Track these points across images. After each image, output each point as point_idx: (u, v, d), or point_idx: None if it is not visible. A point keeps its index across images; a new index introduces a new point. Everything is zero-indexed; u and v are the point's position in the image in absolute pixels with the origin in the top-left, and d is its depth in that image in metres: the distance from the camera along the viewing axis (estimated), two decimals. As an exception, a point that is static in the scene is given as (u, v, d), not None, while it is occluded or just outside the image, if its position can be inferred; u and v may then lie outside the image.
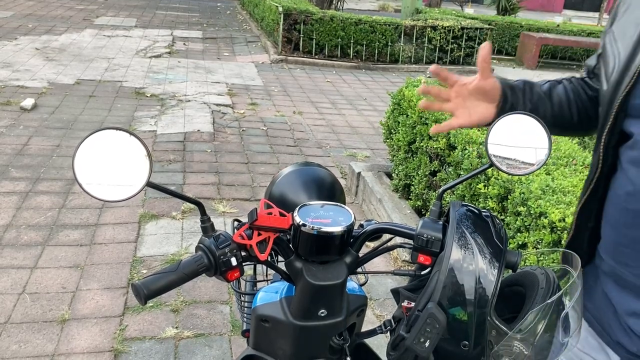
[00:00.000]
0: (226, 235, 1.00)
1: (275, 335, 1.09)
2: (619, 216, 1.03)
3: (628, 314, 1.05)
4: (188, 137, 5.25)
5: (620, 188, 1.03)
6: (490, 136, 1.05)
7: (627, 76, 1.00)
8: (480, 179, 2.70)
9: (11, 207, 3.67)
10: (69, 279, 2.97)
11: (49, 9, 11.65)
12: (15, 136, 4.89)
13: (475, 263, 0.91)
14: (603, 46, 1.12)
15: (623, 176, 1.02)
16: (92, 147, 0.88)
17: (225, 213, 3.83)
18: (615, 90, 1.02)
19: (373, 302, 2.99)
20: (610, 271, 1.08)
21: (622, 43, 1.05)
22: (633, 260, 1.02)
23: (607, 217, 1.08)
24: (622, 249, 1.03)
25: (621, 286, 1.06)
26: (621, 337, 1.06)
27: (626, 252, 1.03)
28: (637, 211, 0.95)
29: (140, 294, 0.92)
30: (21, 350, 2.45)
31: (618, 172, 1.06)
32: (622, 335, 1.06)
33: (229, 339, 2.62)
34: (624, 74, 1.01)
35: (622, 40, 1.06)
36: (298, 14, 8.94)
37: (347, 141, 5.60)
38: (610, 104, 1.03)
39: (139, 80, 7.03)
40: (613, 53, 1.06)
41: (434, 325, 0.90)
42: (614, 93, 1.02)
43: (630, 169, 0.99)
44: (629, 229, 1.01)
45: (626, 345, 1.06)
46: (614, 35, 1.09)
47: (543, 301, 0.90)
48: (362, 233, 1.09)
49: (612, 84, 1.03)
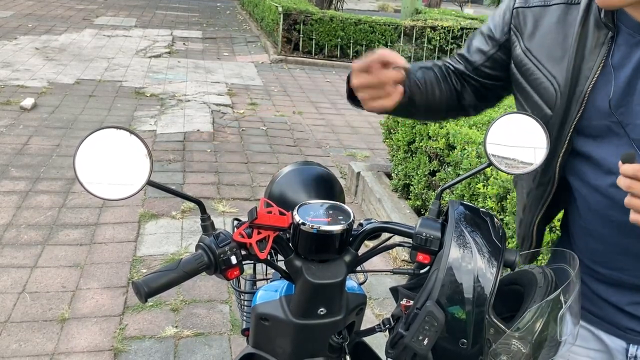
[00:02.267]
0: (226, 233, 1.01)
1: (275, 333, 1.09)
2: (600, 228, 1.07)
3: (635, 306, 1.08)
4: (188, 136, 5.25)
5: (595, 203, 1.06)
6: (489, 136, 1.06)
7: (576, 102, 1.03)
8: (480, 179, 2.71)
9: (11, 206, 3.67)
10: (68, 278, 2.98)
11: (48, 9, 11.65)
12: (15, 136, 4.89)
13: (474, 262, 0.91)
14: (523, 66, 1.10)
15: (595, 193, 1.05)
16: (93, 146, 0.88)
17: (225, 213, 3.83)
18: (565, 115, 1.05)
19: (372, 301, 2.99)
20: (603, 277, 1.11)
21: (553, 68, 1.06)
22: (627, 265, 1.06)
23: (586, 230, 1.12)
24: (616, 257, 1.07)
25: (619, 288, 1.09)
26: (629, 322, 1.09)
27: (619, 259, 1.06)
28: (622, 222, 0.97)
29: (141, 292, 0.92)
30: (21, 349, 2.46)
31: (582, 187, 1.09)
32: (629, 321, 1.09)
33: (229, 338, 2.63)
34: (570, 100, 1.03)
35: (551, 63, 1.06)
36: (298, 14, 8.95)
37: (347, 141, 5.61)
38: (561, 128, 1.06)
39: (138, 80, 7.04)
40: (547, 78, 1.06)
41: (432, 324, 0.90)
42: (564, 118, 1.05)
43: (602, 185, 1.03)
44: (617, 237, 1.05)
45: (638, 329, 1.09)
46: (535, 55, 1.08)
47: (541, 300, 0.90)
48: (362, 232, 1.10)
49: (560, 110, 1.05)
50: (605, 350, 1.16)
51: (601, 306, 1.13)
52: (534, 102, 1.11)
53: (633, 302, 1.08)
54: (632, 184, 0.86)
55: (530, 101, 1.12)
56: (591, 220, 1.09)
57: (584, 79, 1.02)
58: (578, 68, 1.03)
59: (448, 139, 3.16)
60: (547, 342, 0.91)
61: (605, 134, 1.02)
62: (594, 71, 1.01)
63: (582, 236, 1.14)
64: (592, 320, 1.15)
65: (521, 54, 1.11)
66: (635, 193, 0.86)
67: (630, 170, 0.86)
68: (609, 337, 1.13)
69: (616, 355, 1.14)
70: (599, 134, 1.03)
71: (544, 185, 1.14)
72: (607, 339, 1.14)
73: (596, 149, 1.04)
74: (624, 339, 1.11)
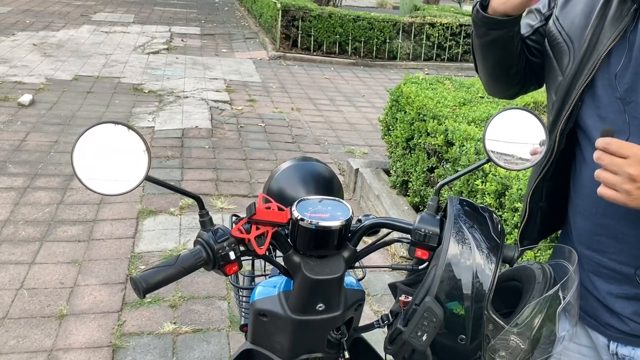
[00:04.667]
0: (224, 229, 1.01)
1: (273, 329, 1.09)
2: (589, 206, 1.08)
3: (613, 298, 1.08)
4: (186, 133, 5.24)
5: (588, 180, 1.06)
6: (487, 132, 1.06)
7: (586, 69, 1.03)
8: (478, 175, 2.71)
9: (9, 202, 3.66)
10: (67, 274, 2.97)
11: (46, 5, 11.61)
12: (13, 132, 4.88)
13: (473, 258, 0.91)
14: (550, 33, 1.14)
15: (588, 169, 1.05)
16: (91, 141, 0.88)
17: (224, 209, 3.83)
18: (573, 81, 1.05)
19: (371, 298, 2.99)
20: (586, 260, 1.11)
21: (574, 34, 1.08)
22: (608, 247, 1.06)
23: (576, 208, 1.12)
24: (597, 238, 1.07)
25: (599, 274, 1.09)
26: (608, 319, 1.09)
27: (601, 240, 1.07)
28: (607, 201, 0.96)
29: (139, 288, 0.92)
30: (19, 345, 2.46)
31: (579, 163, 1.09)
32: (609, 317, 1.09)
33: (227, 334, 2.63)
34: (583, 66, 1.04)
35: (572, 30, 1.08)
36: (296, 11, 8.93)
37: (345, 138, 5.60)
38: (567, 94, 1.07)
39: (136, 77, 7.02)
40: (565, 43, 1.09)
41: (431, 319, 0.90)
42: (572, 84, 1.06)
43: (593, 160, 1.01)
44: (602, 217, 1.05)
45: (617, 326, 1.08)
46: (560, 23, 1.11)
47: (540, 296, 0.90)
48: (360, 228, 1.10)
49: (569, 76, 1.06)
50: (593, 347, 1.16)
51: (586, 299, 1.13)
52: (552, 67, 1.12)
53: (610, 293, 1.08)
54: (602, 156, 0.88)
55: (549, 67, 1.13)
56: (582, 198, 1.10)
57: (600, 47, 1.02)
58: (596, 37, 1.03)
59: (447, 136, 3.16)
60: (546, 337, 0.91)
61: (608, 109, 1.02)
62: (610, 41, 1.01)
63: (573, 215, 1.14)
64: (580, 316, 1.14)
65: (552, 23, 1.14)
66: (604, 165, 0.88)
67: (600, 143, 0.88)
68: (593, 333, 1.14)
69: (601, 351, 1.14)
70: (602, 108, 1.03)
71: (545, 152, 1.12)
72: (592, 335, 1.14)
73: (595, 124, 1.04)
74: (605, 335, 1.11)
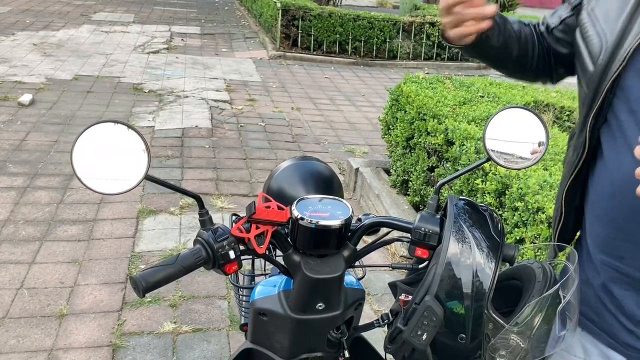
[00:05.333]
0: (224, 228, 1.01)
1: (273, 328, 1.09)
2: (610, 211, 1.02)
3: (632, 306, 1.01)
4: (186, 132, 5.24)
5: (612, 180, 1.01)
6: (487, 131, 1.06)
7: (617, 59, 1.00)
8: (478, 175, 2.71)
9: (9, 202, 3.66)
10: (67, 274, 2.97)
11: (46, 5, 11.61)
12: (13, 132, 4.88)
13: (473, 256, 0.91)
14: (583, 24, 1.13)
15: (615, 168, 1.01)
16: (90, 140, 0.88)
17: (224, 209, 3.83)
18: (604, 73, 1.02)
19: (371, 297, 2.99)
20: (602, 266, 1.05)
21: (607, 25, 1.05)
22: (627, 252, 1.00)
23: (596, 212, 1.07)
24: (618, 243, 1.01)
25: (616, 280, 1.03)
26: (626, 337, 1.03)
27: (621, 245, 1.01)
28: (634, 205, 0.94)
29: (139, 287, 0.92)
30: (19, 344, 2.46)
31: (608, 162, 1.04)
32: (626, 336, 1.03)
33: (227, 334, 2.63)
34: (613, 57, 1.01)
35: (606, 21, 1.06)
36: (296, 10, 8.93)
37: (345, 137, 5.60)
38: (598, 86, 1.03)
39: (137, 76, 7.02)
40: (598, 34, 1.06)
41: (431, 318, 0.90)
42: (603, 75, 1.02)
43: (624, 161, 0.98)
44: (624, 223, 0.99)
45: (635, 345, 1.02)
46: (595, 14, 1.10)
47: (540, 295, 0.90)
48: (360, 227, 1.09)
49: (600, 66, 1.03)
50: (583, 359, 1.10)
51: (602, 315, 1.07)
52: (582, 59, 1.10)
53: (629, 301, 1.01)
54: None
55: (580, 58, 1.11)
56: (602, 200, 1.04)
57: (632, 38, 0.99)
58: (629, 28, 1.01)
59: (447, 135, 3.16)
60: (546, 337, 0.91)
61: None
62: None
63: (591, 218, 1.09)
64: (593, 331, 1.08)
65: (585, 15, 1.12)
66: None
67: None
68: (608, 351, 1.07)
69: None
70: (633, 101, 0.99)
71: (577, 149, 1.10)
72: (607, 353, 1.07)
73: (627, 119, 1.00)
74: (624, 354, 1.04)
